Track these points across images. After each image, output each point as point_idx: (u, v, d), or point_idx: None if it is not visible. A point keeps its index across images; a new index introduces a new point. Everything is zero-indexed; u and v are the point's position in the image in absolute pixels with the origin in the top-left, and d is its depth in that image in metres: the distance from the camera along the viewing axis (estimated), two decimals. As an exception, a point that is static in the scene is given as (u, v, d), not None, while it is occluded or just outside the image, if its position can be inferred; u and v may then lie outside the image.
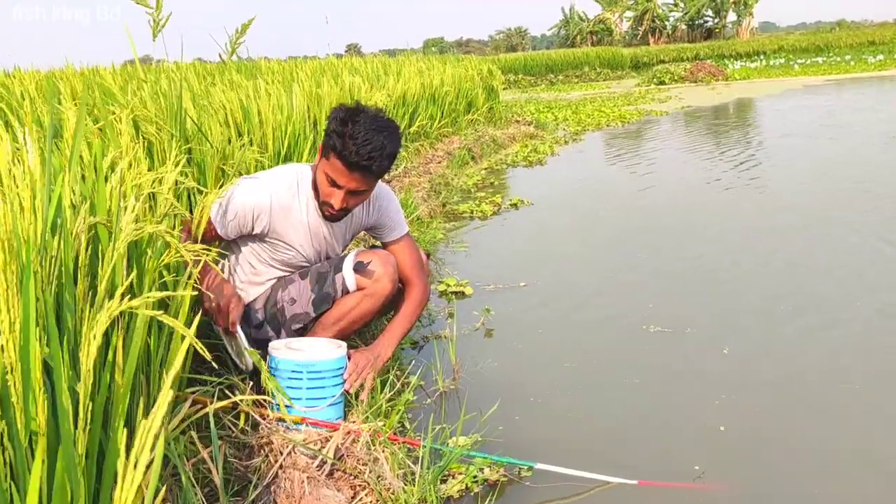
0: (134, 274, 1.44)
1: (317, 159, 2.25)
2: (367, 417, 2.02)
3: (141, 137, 2.50)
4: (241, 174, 2.71)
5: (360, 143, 2.08)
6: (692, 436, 2.25)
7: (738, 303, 3.34)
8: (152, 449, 0.86)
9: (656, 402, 2.48)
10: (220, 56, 2.73)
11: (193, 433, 1.62)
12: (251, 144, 3.11)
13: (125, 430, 1.19)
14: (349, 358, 2.18)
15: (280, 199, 2.24)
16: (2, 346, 0.88)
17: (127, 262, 1.42)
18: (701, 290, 3.57)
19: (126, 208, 1.37)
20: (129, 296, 1.06)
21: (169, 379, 0.93)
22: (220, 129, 3.04)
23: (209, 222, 2.16)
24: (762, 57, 32.26)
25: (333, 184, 2.17)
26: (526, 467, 2.03)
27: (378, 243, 2.56)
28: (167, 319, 0.97)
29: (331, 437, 1.84)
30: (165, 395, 0.88)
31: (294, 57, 13.35)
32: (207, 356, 1.08)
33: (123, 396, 1.16)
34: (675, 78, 21.79)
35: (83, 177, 1.45)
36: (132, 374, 1.20)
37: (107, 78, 3.75)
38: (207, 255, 1.52)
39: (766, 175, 6.42)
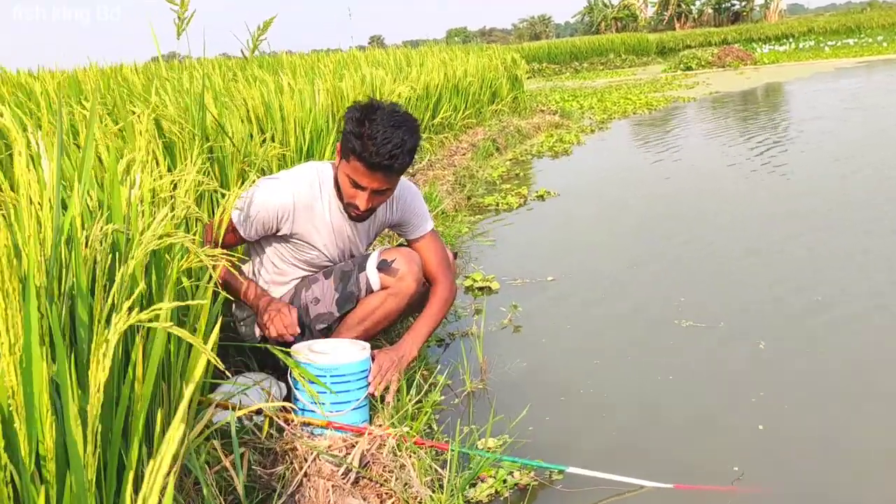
0: (153, 280, 1.41)
1: (337, 160, 2.21)
2: (393, 422, 1.97)
3: (162, 137, 2.47)
4: (263, 172, 2.68)
5: (380, 143, 2.03)
6: (730, 436, 2.18)
7: (772, 293, 3.25)
8: (162, 492, 0.81)
9: (691, 401, 2.41)
10: (241, 52, 2.70)
11: (216, 441, 1.59)
12: (273, 140, 3.07)
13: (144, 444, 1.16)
14: (373, 359, 2.14)
15: (302, 199, 2.20)
16: (2, 368, 0.84)
17: (145, 268, 1.38)
18: (733, 280, 3.48)
19: (143, 213, 1.33)
20: (139, 307, 1.02)
21: (180, 411, 0.88)
22: (242, 126, 3.01)
23: (230, 225, 2.12)
24: (791, 40, 31.68)
25: (356, 185, 2.12)
26: (557, 471, 1.98)
27: (403, 241, 2.51)
28: (179, 332, 0.93)
29: (356, 443, 1.80)
30: (176, 430, 0.83)
31: (317, 50, 13.33)
32: (221, 366, 1.04)
33: (141, 412, 1.12)
34: (703, 63, 21.47)
35: (102, 182, 1.41)
36: (151, 386, 1.17)
37: (129, 76, 3.73)
38: (227, 259, 1.48)
39: (795, 160, 6.27)
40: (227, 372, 1.46)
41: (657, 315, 3.11)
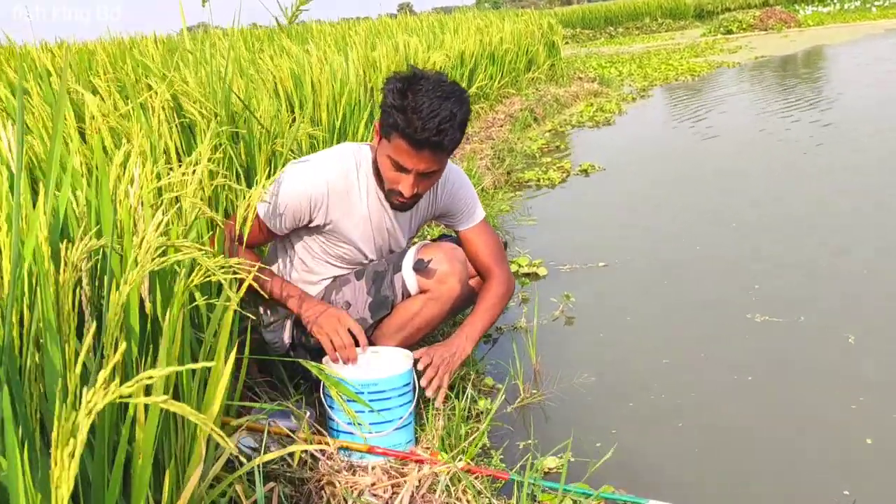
0: (158, 298, 1.16)
1: (375, 140, 1.93)
2: (444, 445, 1.72)
3: (181, 117, 2.21)
4: (292, 154, 2.42)
5: (427, 116, 1.73)
6: (833, 453, 1.89)
7: (852, 278, 2.94)
8: None
9: (781, 411, 2.11)
10: (276, 21, 2.42)
11: (238, 487, 1.34)
12: (303, 119, 2.81)
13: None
14: (418, 359, 1.89)
15: (338, 186, 1.92)
16: None
17: (149, 286, 1.14)
18: (807, 265, 3.16)
19: (143, 218, 1.08)
20: (137, 355, 0.76)
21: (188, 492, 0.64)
22: (270, 102, 2.75)
23: (258, 220, 1.87)
24: (836, 0, 30.55)
25: (400, 168, 1.83)
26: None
27: (450, 231, 2.23)
28: (178, 408, 0.68)
29: (403, 474, 1.55)
30: None
31: (346, 18, 12.98)
32: (230, 447, 0.79)
33: (141, 480, 0.88)
34: (744, 26, 20.70)
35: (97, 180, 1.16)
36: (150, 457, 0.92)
37: (149, 50, 3.48)
38: (249, 270, 1.22)
39: (864, 130, 5.86)
40: (231, 449, 1.21)
41: (727, 307, 2.81)
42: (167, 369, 0.67)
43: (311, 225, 1.96)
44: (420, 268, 1.94)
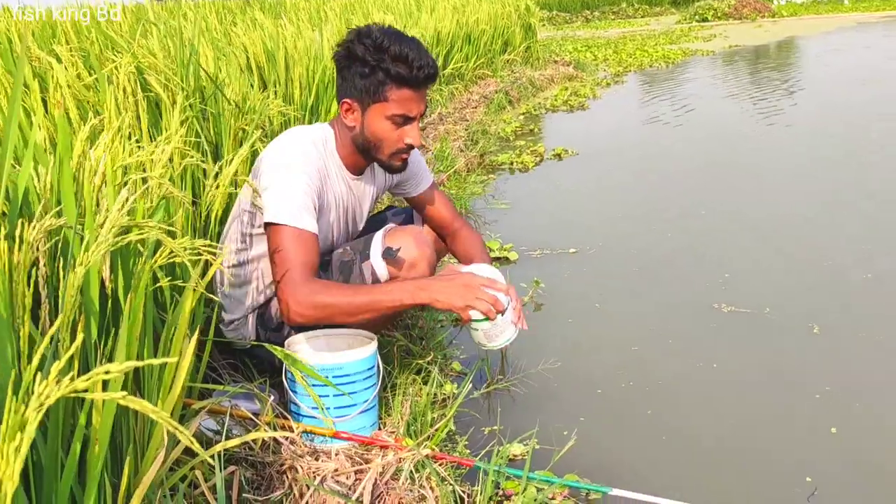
0: (120, 281, 1.13)
1: (352, 118, 1.87)
2: (409, 431, 1.71)
3: (147, 91, 2.16)
4: (263, 137, 2.37)
5: (414, 56, 1.76)
6: (798, 442, 1.91)
7: (820, 269, 2.98)
8: None
9: (747, 401, 2.13)
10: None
11: (198, 472, 1.32)
12: (275, 96, 2.75)
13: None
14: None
15: (321, 174, 1.87)
16: None
17: (110, 266, 1.10)
18: (776, 255, 3.19)
19: (107, 197, 1.04)
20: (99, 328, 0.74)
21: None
22: (241, 77, 2.69)
23: (301, 236, 1.73)
24: (809, -9, 30.76)
25: (406, 119, 1.82)
26: (598, 493, 1.72)
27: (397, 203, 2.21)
28: (136, 404, 0.66)
29: (367, 461, 1.54)
30: None
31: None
32: (187, 439, 0.77)
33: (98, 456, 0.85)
34: (719, 14, 20.80)
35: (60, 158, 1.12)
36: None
37: (115, 20, 3.39)
38: (216, 255, 1.19)
39: (837, 118, 5.93)
40: (192, 443, 1.19)
41: (696, 296, 2.83)
42: (124, 364, 0.65)
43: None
44: (390, 256, 1.91)
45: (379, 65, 1.77)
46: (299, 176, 1.78)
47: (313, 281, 1.70)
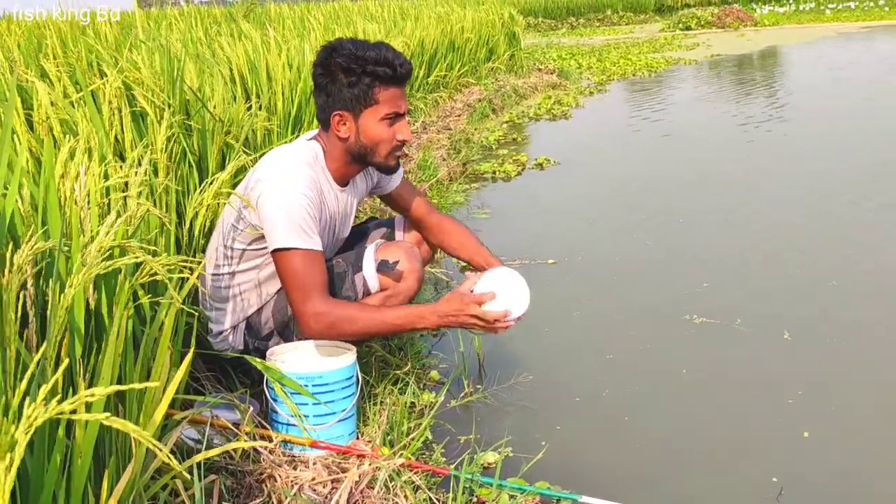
0: (103, 299, 1.17)
1: (345, 129, 1.93)
2: (386, 440, 1.76)
3: (133, 106, 2.20)
4: (246, 147, 2.42)
5: (390, 57, 1.88)
6: (771, 446, 1.98)
7: (789, 275, 3.06)
8: None
9: (721, 407, 2.20)
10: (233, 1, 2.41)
11: (178, 481, 1.37)
12: (259, 109, 2.80)
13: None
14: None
15: (315, 185, 1.93)
16: None
17: (94, 284, 1.15)
18: (752, 264, 3.26)
19: (90, 217, 1.09)
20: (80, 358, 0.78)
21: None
22: (225, 89, 2.74)
23: (309, 257, 1.82)
24: (791, 1, 31.11)
25: (396, 116, 1.94)
26: (568, 500, 1.78)
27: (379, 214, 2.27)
28: (119, 424, 0.71)
29: (344, 470, 1.59)
30: None
31: (308, -1, 12.84)
32: (165, 457, 0.82)
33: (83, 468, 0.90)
34: (702, 23, 21.00)
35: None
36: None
37: (101, 29, 3.42)
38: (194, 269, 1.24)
39: (809, 133, 6.03)
40: (169, 458, 1.24)
41: (672, 306, 2.89)
42: (109, 389, 0.70)
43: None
44: (385, 269, 1.99)
45: (364, 71, 1.84)
46: (300, 198, 1.84)
47: (329, 302, 1.82)
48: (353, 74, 1.86)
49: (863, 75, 9.56)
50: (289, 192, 1.83)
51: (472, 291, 1.94)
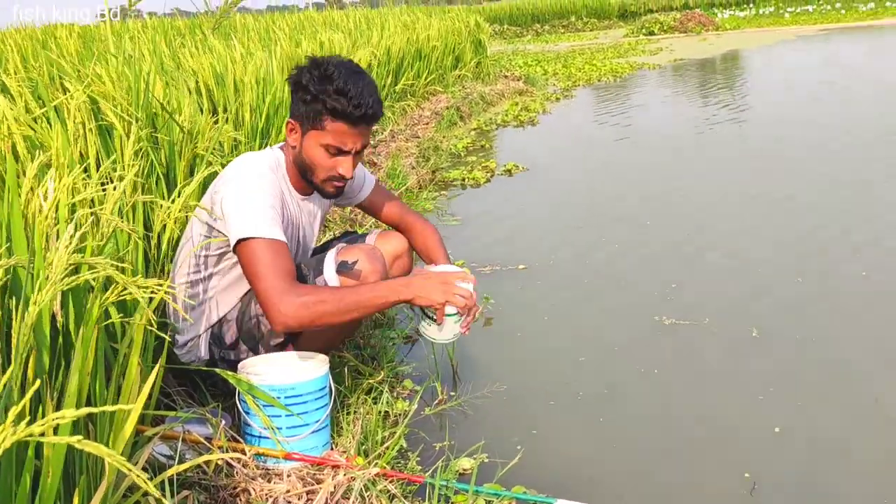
0: (71, 317, 1.16)
1: (293, 138, 1.95)
2: (361, 450, 1.76)
3: (98, 120, 2.18)
4: (213, 157, 2.41)
5: (356, 94, 1.84)
6: (742, 443, 2.01)
7: (755, 273, 3.11)
8: None
9: (693, 406, 2.23)
10: (204, 12, 2.41)
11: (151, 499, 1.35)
12: (226, 120, 2.79)
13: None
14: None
15: (276, 186, 1.94)
16: None
17: (61, 302, 1.14)
18: (717, 262, 3.31)
19: (57, 233, 1.08)
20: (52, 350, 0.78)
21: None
22: (191, 101, 2.72)
23: (273, 246, 1.78)
24: (752, 5, 31.64)
25: (339, 152, 1.90)
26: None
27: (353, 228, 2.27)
28: (92, 447, 0.70)
29: (319, 481, 1.59)
30: None
31: (274, 8, 12.80)
32: (135, 476, 0.81)
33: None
34: (665, 28, 21.27)
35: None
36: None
37: (63, 42, 3.39)
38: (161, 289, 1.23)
39: (772, 132, 6.13)
40: (146, 484, 1.23)
41: (642, 309, 2.92)
42: (78, 412, 0.70)
43: None
44: (344, 269, 1.97)
45: (318, 95, 1.85)
46: (260, 194, 1.85)
47: (299, 286, 1.77)
48: (309, 94, 1.87)
49: (819, 77, 9.75)
50: (250, 189, 1.84)
51: None
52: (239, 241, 1.78)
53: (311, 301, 1.73)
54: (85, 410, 0.71)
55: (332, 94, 1.84)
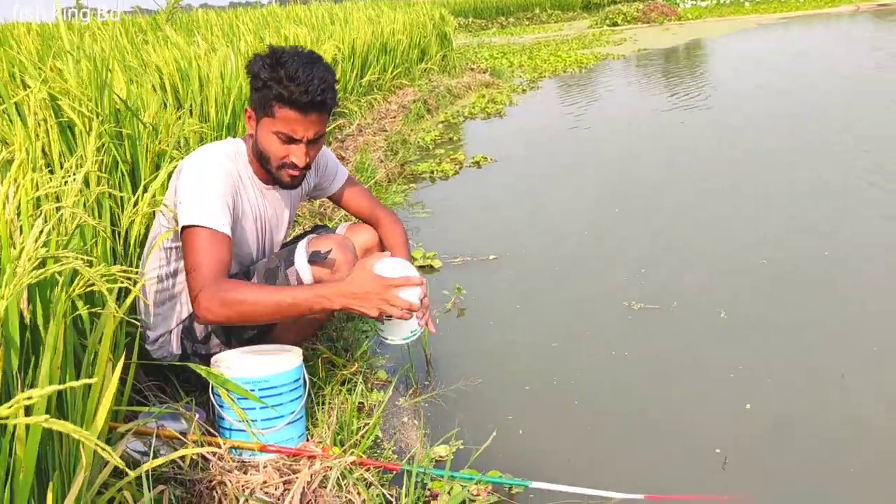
0: (38, 311, 1.15)
1: (250, 126, 1.96)
2: (336, 440, 1.76)
3: (59, 118, 2.15)
4: (178, 152, 2.39)
5: (305, 81, 1.82)
6: (714, 421, 2.06)
7: (721, 257, 3.16)
8: None
9: (665, 387, 2.27)
10: (158, 10, 2.38)
11: (127, 493, 1.35)
12: (190, 115, 2.76)
13: None
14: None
15: (232, 174, 1.92)
16: None
17: (28, 297, 1.13)
18: (685, 248, 3.36)
19: (21, 229, 1.07)
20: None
21: None
22: (156, 96, 2.69)
23: (213, 237, 1.77)
24: (713, -6, 31.99)
25: (290, 140, 1.89)
26: (520, 487, 1.81)
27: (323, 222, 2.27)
28: (61, 426, 0.70)
29: (295, 472, 1.59)
30: None
31: (236, 5, 12.68)
32: (114, 460, 0.81)
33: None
34: (628, 19, 21.45)
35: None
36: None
37: (21, 39, 3.33)
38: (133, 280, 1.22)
39: (736, 120, 6.22)
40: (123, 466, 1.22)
41: (612, 296, 2.95)
42: (47, 389, 0.69)
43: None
44: (316, 259, 1.96)
45: (267, 82, 1.84)
46: (213, 183, 1.84)
47: (225, 280, 1.75)
48: (259, 80, 1.86)
49: (783, 64, 9.90)
50: (203, 179, 1.84)
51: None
52: (184, 228, 1.79)
53: (230, 299, 1.71)
54: (54, 388, 0.70)
55: (281, 81, 1.83)
